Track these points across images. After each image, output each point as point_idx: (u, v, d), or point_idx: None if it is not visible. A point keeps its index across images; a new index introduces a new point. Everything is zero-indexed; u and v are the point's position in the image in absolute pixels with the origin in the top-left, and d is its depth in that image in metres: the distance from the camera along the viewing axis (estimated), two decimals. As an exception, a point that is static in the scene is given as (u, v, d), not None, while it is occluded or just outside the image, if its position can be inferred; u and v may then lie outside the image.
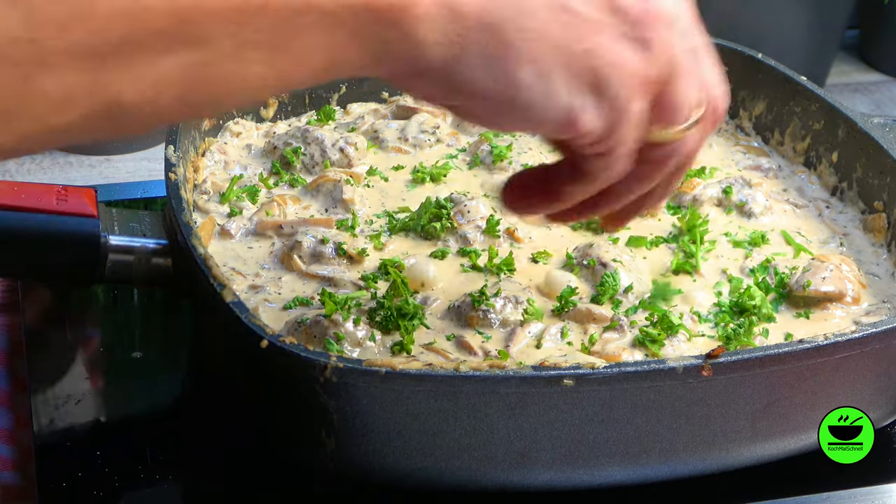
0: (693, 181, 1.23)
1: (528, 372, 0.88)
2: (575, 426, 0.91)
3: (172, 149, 1.11)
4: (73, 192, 1.04)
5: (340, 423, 0.89)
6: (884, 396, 1.01)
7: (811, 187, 1.27)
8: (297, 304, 1.04)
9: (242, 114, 1.31)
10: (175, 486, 1.03)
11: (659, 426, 0.93)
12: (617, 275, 1.07)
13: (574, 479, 0.95)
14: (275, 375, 0.92)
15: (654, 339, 1.00)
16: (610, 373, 0.89)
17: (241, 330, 0.90)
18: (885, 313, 1.06)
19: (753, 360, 0.92)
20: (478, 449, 0.91)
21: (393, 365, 0.87)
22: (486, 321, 1.03)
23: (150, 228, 1.06)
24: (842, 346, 0.93)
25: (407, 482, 0.94)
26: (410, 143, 1.30)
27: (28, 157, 1.80)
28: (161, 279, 1.06)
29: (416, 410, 0.89)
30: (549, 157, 1.27)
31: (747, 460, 0.99)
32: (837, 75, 2.10)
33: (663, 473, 0.97)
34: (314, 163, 1.25)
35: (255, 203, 1.18)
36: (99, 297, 1.23)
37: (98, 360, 1.17)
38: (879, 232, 1.18)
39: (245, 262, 1.10)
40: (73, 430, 1.07)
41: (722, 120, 0.86)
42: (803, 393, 0.95)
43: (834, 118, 1.26)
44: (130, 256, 1.04)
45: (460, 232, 1.14)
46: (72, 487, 0.98)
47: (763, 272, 1.12)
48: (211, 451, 1.04)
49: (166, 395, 1.14)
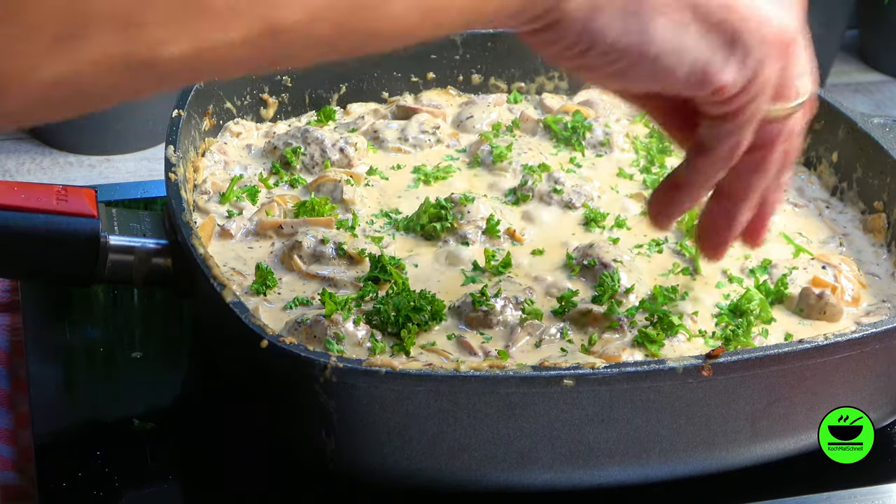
0: (693, 181, 1.23)
1: (528, 372, 0.88)
2: (575, 426, 0.91)
3: (172, 149, 1.11)
4: (73, 192, 1.04)
5: (340, 423, 0.89)
6: (884, 396, 1.01)
7: (811, 187, 1.27)
8: (297, 305, 1.04)
9: (242, 114, 1.31)
10: (175, 486, 1.03)
11: (659, 426, 0.93)
12: (616, 274, 1.07)
13: (574, 480, 0.95)
14: (275, 375, 0.92)
15: (653, 340, 1.00)
16: (610, 373, 0.89)
17: (241, 330, 0.90)
18: (885, 313, 1.07)
19: (753, 360, 0.92)
20: (478, 449, 0.91)
21: (393, 365, 0.87)
22: (486, 321, 1.03)
23: (150, 228, 1.06)
24: (842, 346, 0.93)
25: (407, 482, 0.94)
26: (410, 143, 1.30)
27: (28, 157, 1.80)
28: (161, 279, 1.06)
29: (416, 410, 0.89)
30: (550, 158, 1.28)
31: (747, 460, 0.99)
32: (837, 75, 2.11)
33: (663, 473, 0.97)
34: (314, 163, 1.25)
35: (255, 203, 1.18)
36: (99, 297, 1.23)
37: (98, 360, 1.17)
38: (879, 232, 1.18)
39: (245, 262, 1.10)
40: (73, 430, 1.07)
41: (815, 110, 0.86)
42: (803, 393, 0.95)
43: (834, 118, 1.26)
44: (130, 256, 1.04)
45: (460, 232, 1.14)
46: (72, 487, 0.98)
47: (763, 272, 1.12)
48: (211, 450, 1.04)
49: (166, 395, 1.14)
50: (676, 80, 0.74)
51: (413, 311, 1.01)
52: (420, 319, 1.01)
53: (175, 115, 1.16)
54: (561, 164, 1.27)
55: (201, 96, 1.23)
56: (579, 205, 1.21)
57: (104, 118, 1.79)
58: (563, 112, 1.34)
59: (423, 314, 1.01)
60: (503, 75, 1.40)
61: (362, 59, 1.35)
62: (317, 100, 1.36)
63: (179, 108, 1.17)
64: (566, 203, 1.21)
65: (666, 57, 0.72)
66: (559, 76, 1.41)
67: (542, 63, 1.40)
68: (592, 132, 1.31)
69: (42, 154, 1.81)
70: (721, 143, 0.79)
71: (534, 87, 1.41)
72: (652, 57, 0.72)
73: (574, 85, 1.41)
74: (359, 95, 1.38)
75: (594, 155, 1.30)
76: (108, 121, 1.79)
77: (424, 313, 1.01)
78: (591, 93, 1.39)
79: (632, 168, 1.28)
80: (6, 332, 1.20)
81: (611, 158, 1.30)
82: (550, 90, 1.41)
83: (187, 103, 1.18)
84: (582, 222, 1.19)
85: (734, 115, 0.77)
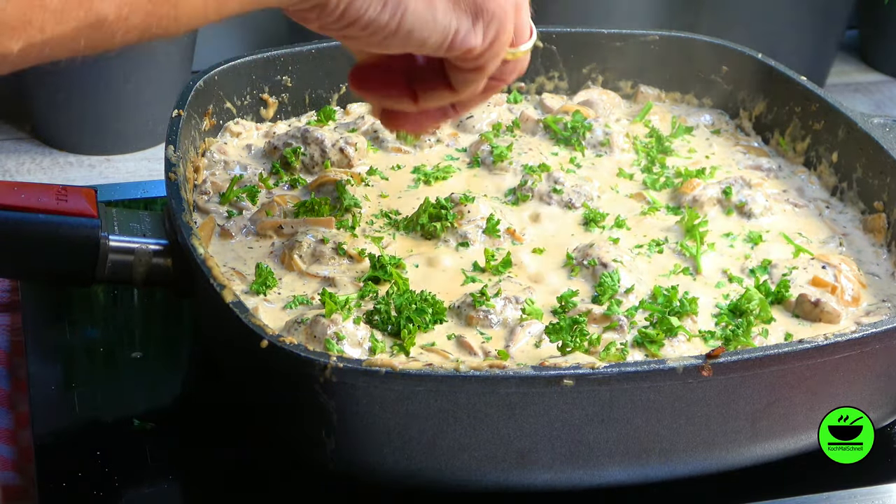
0: (693, 182, 1.23)
1: (528, 372, 0.88)
2: (575, 426, 0.91)
3: (172, 149, 1.11)
4: (73, 192, 1.04)
5: (340, 423, 0.89)
6: (884, 396, 1.01)
7: (811, 187, 1.27)
8: (297, 304, 1.04)
9: (242, 114, 1.31)
10: (175, 486, 1.03)
11: (659, 426, 0.93)
12: (616, 275, 1.07)
13: (574, 480, 0.95)
14: (275, 375, 0.92)
15: (653, 340, 1.00)
16: (610, 373, 0.89)
17: (242, 330, 0.90)
18: (885, 313, 1.06)
19: (753, 360, 0.92)
20: (478, 449, 0.91)
21: (393, 365, 0.87)
22: (487, 321, 1.03)
23: (150, 228, 1.06)
24: (842, 346, 0.93)
25: (407, 482, 0.94)
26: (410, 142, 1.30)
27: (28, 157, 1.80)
28: (161, 279, 1.06)
29: (416, 410, 0.89)
30: (550, 158, 1.28)
31: (747, 460, 0.99)
32: (837, 75, 2.10)
33: (663, 473, 0.97)
34: (314, 163, 1.25)
35: (255, 203, 1.18)
36: (99, 297, 1.23)
37: (98, 360, 1.17)
38: (879, 232, 1.18)
39: (245, 262, 1.10)
40: (73, 430, 1.07)
41: None
42: (803, 393, 0.95)
43: (834, 118, 1.26)
44: (130, 256, 1.04)
45: (460, 232, 1.14)
46: (72, 487, 0.98)
47: (763, 272, 1.12)
48: (211, 450, 1.04)
49: (166, 395, 1.14)
50: (428, 48, 0.86)
51: (415, 312, 1.01)
52: (421, 322, 1.01)
53: (175, 115, 1.16)
54: (561, 164, 1.27)
55: (201, 96, 1.23)
56: (579, 205, 1.21)
57: (104, 118, 1.78)
58: (563, 112, 1.34)
59: (424, 316, 1.01)
60: (503, 75, 1.40)
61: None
62: (317, 100, 1.36)
63: (179, 108, 1.17)
64: (566, 203, 1.21)
65: (419, 31, 0.84)
66: (559, 76, 1.41)
67: (543, 63, 1.40)
68: (592, 132, 1.31)
69: (42, 154, 1.81)
70: (466, 86, 0.93)
71: (534, 87, 1.41)
72: (406, 31, 0.83)
73: (574, 85, 1.41)
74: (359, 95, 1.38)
75: (594, 155, 1.30)
76: (108, 121, 1.79)
77: (426, 315, 1.01)
78: (591, 93, 1.39)
79: (632, 168, 1.28)
80: (6, 332, 1.20)
81: (611, 158, 1.30)
82: (550, 90, 1.41)
83: (187, 103, 1.18)
84: (582, 222, 1.19)
85: (481, 68, 0.90)
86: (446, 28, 0.85)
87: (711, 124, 1.38)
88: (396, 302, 1.01)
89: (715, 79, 1.38)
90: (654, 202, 1.22)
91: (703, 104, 1.40)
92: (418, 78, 0.95)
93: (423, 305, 1.02)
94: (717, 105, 1.40)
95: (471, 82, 0.92)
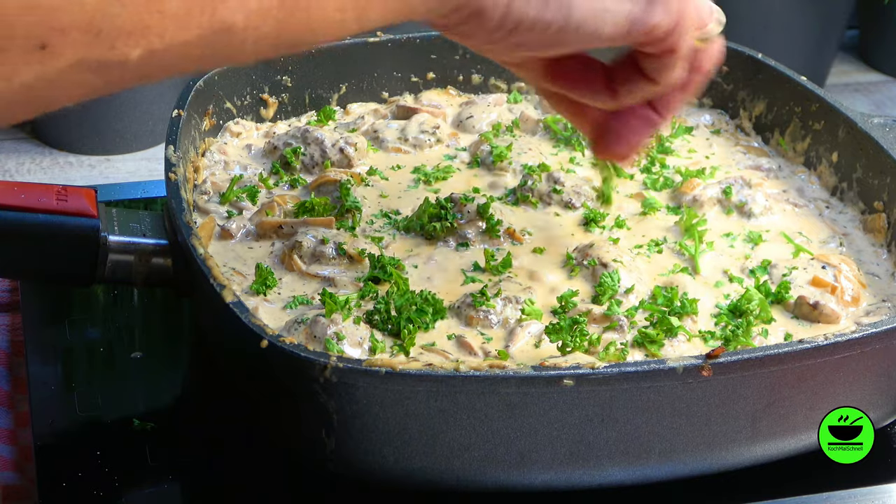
0: (693, 182, 1.23)
1: (528, 372, 0.88)
2: (575, 426, 0.91)
3: (172, 149, 1.11)
4: (73, 192, 1.04)
5: (340, 423, 0.89)
6: (884, 396, 1.01)
7: (811, 187, 1.27)
8: (297, 304, 1.04)
9: (242, 114, 1.31)
10: (175, 486, 1.03)
11: (659, 426, 0.93)
12: (616, 275, 1.07)
13: (574, 480, 0.95)
14: (275, 375, 0.92)
15: (653, 340, 1.00)
16: (610, 373, 0.89)
17: (242, 330, 0.90)
18: (885, 313, 1.07)
19: (753, 360, 0.92)
20: (478, 449, 0.91)
21: (393, 365, 0.87)
22: (487, 321, 1.03)
23: (150, 228, 1.06)
24: (842, 346, 0.93)
25: (407, 482, 0.94)
26: (410, 143, 1.30)
27: (28, 157, 1.81)
28: (161, 279, 1.06)
29: (416, 410, 0.89)
30: (550, 158, 1.28)
31: (747, 460, 0.99)
32: (837, 75, 2.11)
33: (663, 473, 0.97)
34: (314, 163, 1.25)
35: (255, 203, 1.18)
36: (99, 297, 1.23)
37: (98, 360, 1.17)
38: (879, 232, 1.18)
39: (245, 262, 1.10)
40: (73, 430, 1.07)
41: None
42: (803, 393, 0.95)
43: (834, 118, 1.26)
44: (130, 256, 1.04)
45: (460, 232, 1.14)
46: (72, 487, 0.98)
47: (763, 273, 1.12)
48: (211, 450, 1.04)
49: (166, 395, 1.14)
50: (605, 39, 0.80)
51: (415, 312, 1.01)
52: (421, 322, 1.01)
53: (175, 115, 1.16)
54: (561, 164, 1.27)
55: (201, 96, 1.23)
56: (579, 205, 1.21)
57: (104, 118, 1.79)
58: (563, 112, 1.34)
59: (424, 316, 1.01)
60: (503, 75, 1.40)
61: (363, 59, 1.36)
62: (317, 100, 1.36)
63: (179, 108, 1.17)
64: (566, 203, 1.21)
65: (590, 21, 0.78)
66: (559, 76, 1.41)
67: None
68: (592, 132, 1.31)
69: (42, 154, 1.82)
70: (665, 74, 0.87)
71: (534, 88, 1.41)
72: (575, 24, 0.77)
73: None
74: (359, 95, 1.38)
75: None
76: (108, 121, 1.79)
77: (426, 316, 1.01)
78: (591, 93, 1.39)
79: (632, 168, 1.28)
80: (6, 332, 1.20)
81: (611, 158, 1.30)
82: (550, 90, 1.41)
83: (187, 103, 1.18)
84: (582, 222, 1.19)
85: (671, 51, 0.85)
86: (619, 13, 0.79)
87: (711, 124, 1.38)
88: (396, 302, 1.01)
89: (715, 79, 1.38)
90: (654, 202, 1.22)
91: (702, 104, 1.40)
92: (615, 75, 0.89)
93: (423, 305, 1.02)
94: (716, 105, 1.40)
95: (668, 67, 0.86)
